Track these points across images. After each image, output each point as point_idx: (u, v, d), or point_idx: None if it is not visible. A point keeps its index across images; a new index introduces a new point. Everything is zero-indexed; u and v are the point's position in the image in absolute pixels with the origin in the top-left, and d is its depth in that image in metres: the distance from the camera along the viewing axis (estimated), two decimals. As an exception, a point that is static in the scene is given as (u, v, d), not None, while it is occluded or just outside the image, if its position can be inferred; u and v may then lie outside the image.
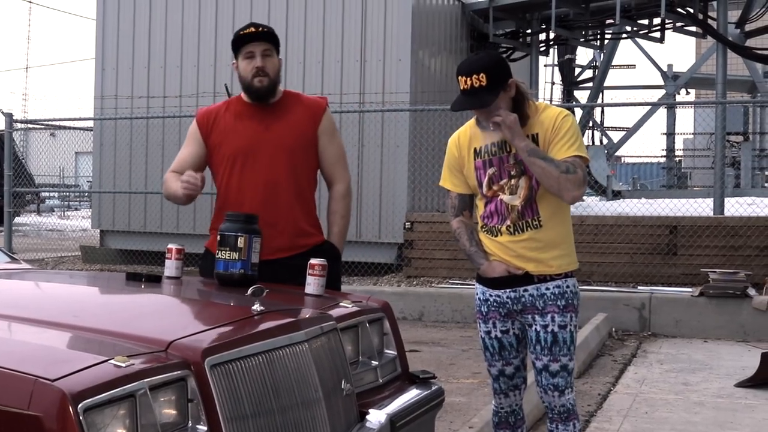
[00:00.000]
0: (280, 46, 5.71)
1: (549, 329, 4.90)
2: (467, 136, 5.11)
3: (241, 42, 5.58)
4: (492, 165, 4.96)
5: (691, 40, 49.08)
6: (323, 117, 5.71)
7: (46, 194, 43.99)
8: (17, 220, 25.18)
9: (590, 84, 28.51)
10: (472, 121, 5.11)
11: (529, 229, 4.90)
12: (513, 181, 4.90)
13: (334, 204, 5.76)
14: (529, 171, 4.84)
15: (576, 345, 5.01)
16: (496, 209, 4.96)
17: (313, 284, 4.95)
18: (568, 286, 4.96)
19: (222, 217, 5.22)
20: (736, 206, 15.29)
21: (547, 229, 4.91)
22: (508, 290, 4.97)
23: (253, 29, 5.59)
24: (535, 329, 4.94)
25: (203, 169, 5.71)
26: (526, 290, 4.94)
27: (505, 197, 4.91)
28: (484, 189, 5.00)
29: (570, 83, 28.27)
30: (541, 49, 23.01)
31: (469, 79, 4.78)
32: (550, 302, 4.91)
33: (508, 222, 4.91)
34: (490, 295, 5.05)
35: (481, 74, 4.76)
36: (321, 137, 5.68)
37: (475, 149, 5.04)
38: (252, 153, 5.51)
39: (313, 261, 4.98)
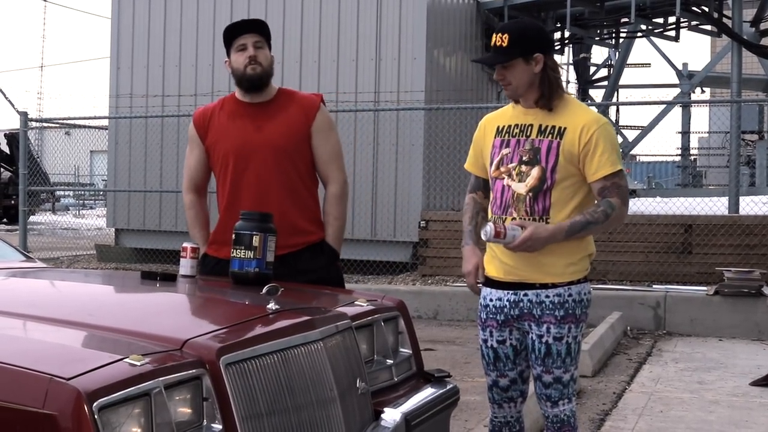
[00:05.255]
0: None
1: (543, 340, 4.73)
2: (497, 115, 4.99)
3: (231, 35, 5.61)
4: (508, 146, 4.79)
5: (706, 39, 48.94)
6: (317, 114, 5.64)
7: (61, 193, 44.07)
8: (32, 218, 25.23)
9: (605, 83, 28.47)
10: (511, 104, 5.02)
11: None
12: (524, 168, 4.71)
13: (327, 206, 5.70)
14: (543, 161, 4.69)
15: (575, 357, 4.80)
16: (502, 195, 4.76)
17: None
18: (570, 295, 4.74)
19: (226, 223, 5.25)
20: (751, 205, 15.27)
21: None
22: (509, 293, 4.81)
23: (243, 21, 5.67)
24: (531, 338, 4.77)
25: (210, 174, 5.80)
26: (525, 294, 4.76)
27: (512, 183, 4.72)
28: (492, 168, 4.83)
29: (585, 82, 28.24)
30: (556, 47, 22.98)
31: (496, 36, 4.70)
32: (548, 311, 4.72)
33: (514, 214, 4.71)
34: (491, 300, 4.87)
35: (505, 35, 4.67)
36: (314, 135, 5.62)
37: (497, 127, 4.88)
38: (243, 153, 5.50)
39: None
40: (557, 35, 22.48)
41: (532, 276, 4.73)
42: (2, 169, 37.31)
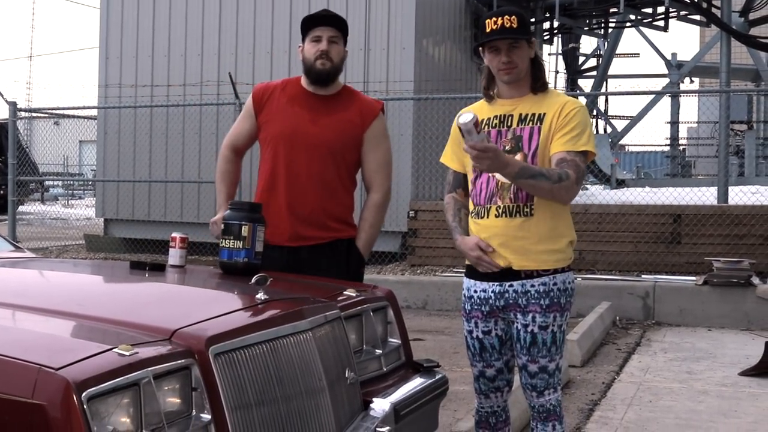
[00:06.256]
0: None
1: (529, 329, 4.73)
2: (474, 109, 4.99)
3: (309, 25, 5.63)
4: (489, 138, 4.78)
5: (695, 29, 49.03)
6: (374, 121, 5.67)
7: (50, 183, 43.98)
8: (21, 208, 25.17)
9: (594, 73, 28.49)
10: (482, 101, 5.03)
11: (518, 215, 4.70)
12: None
13: (366, 212, 5.70)
14: (525, 147, 4.71)
15: (560, 346, 4.81)
16: (487, 186, 4.77)
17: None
18: (555, 284, 4.75)
19: (265, 200, 5.31)
20: (740, 195, 15.28)
21: (538, 219, 4.71)
22: (494, 284, 4.79)
23: (323, 13, 5.67)
24: (516, 327, 4.77)
25: (253, 143, 5.84)
26: (511, 285, 4.75)
27: (496, 173, 4.69)
28: None
29: (574, 72, 28.27)
30: (545, 37, 23.03)
31: (500, 18, 4.67)
32: (533, 300, 4.72)
33: (499, 203, 4.72)
34: (475, 291, 4.87)
35: (513, 17, 4.68)
36: (367, 142, 5.64)
37: None
38: (292, 142, 5.51)
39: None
40: (546, 25, 22.49)
41: (517, 262, 4.73)
42: (-9, 159, 37.22)
